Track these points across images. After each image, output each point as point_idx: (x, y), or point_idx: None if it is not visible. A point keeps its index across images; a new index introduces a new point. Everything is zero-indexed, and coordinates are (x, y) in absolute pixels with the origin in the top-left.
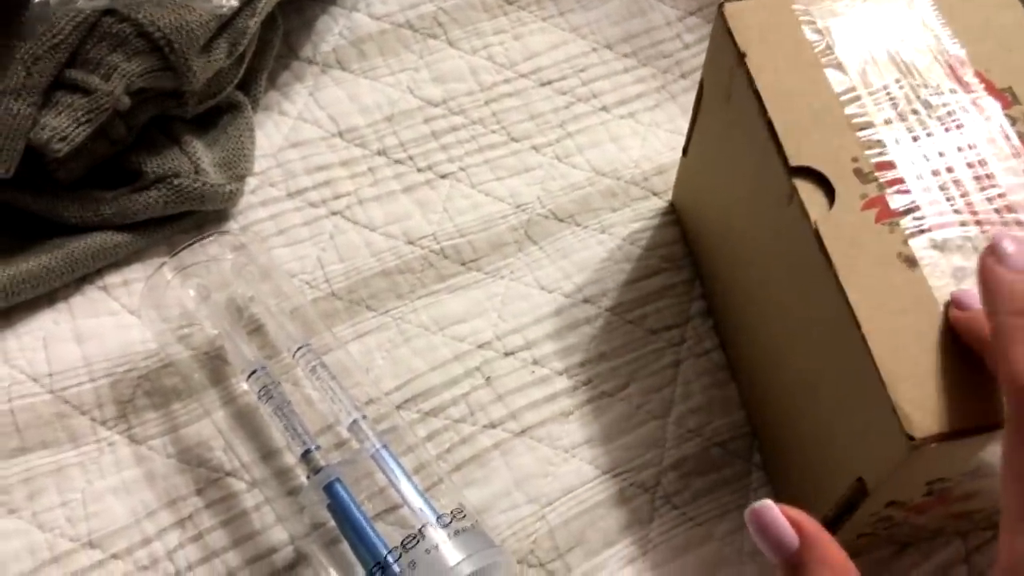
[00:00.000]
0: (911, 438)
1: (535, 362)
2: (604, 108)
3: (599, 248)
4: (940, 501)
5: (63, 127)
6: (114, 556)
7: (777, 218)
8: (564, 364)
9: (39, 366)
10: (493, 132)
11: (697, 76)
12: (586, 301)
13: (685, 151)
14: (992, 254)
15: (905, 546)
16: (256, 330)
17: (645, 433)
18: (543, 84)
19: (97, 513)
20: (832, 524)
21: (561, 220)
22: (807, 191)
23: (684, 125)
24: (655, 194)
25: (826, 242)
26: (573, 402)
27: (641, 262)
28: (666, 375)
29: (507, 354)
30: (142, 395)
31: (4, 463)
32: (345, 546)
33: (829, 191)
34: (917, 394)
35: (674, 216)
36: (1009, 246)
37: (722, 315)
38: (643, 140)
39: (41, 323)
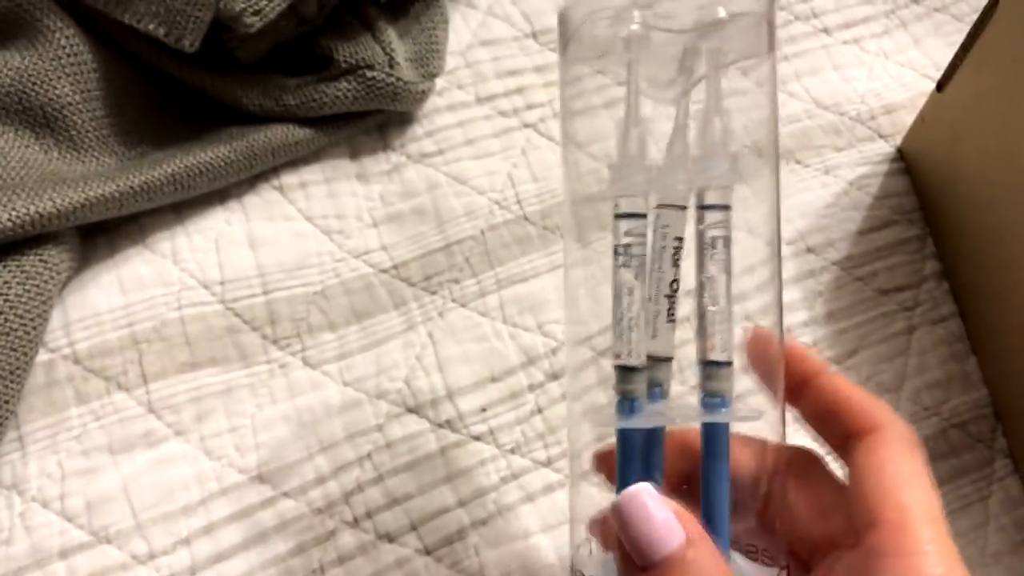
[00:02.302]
0: None
1: (746, 318)
2: (825, 30)
3: (823, 191)
4: None
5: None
6: (285, 495)
7: None
8: (784, 323)
9: (210, 271)
10: None
11: (932, 1)
12: (809, 251)
13: (940, 86)
14: None
15: None
16: None
17: None
18: None
19: (267, 443)
20: None
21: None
22: None
23: (917, 58)
24: (882, 136)
25: None
26: None
27: (871, 212)
28: (898, 343)
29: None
30: (317, 312)
31: (175, 378)
32: None
33: None
34: None
35: (902, 164)
36: None
37: (965, 279)
38: (869, 71)
39: (213, 222)
